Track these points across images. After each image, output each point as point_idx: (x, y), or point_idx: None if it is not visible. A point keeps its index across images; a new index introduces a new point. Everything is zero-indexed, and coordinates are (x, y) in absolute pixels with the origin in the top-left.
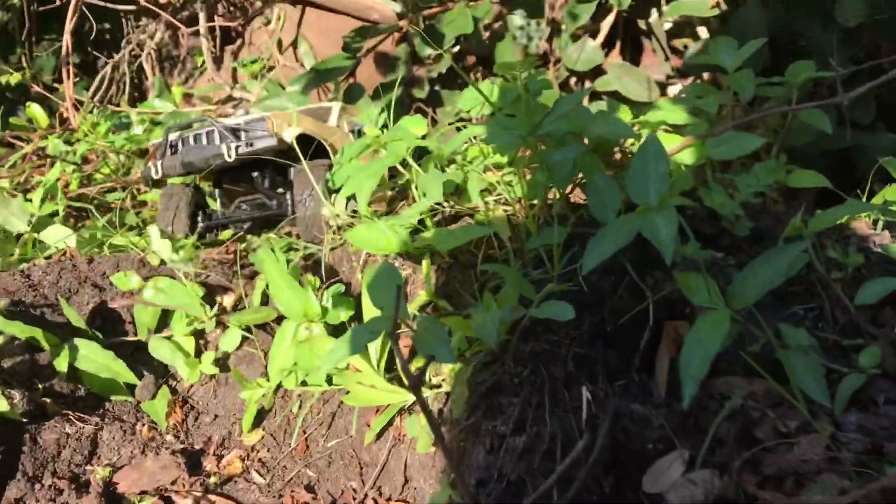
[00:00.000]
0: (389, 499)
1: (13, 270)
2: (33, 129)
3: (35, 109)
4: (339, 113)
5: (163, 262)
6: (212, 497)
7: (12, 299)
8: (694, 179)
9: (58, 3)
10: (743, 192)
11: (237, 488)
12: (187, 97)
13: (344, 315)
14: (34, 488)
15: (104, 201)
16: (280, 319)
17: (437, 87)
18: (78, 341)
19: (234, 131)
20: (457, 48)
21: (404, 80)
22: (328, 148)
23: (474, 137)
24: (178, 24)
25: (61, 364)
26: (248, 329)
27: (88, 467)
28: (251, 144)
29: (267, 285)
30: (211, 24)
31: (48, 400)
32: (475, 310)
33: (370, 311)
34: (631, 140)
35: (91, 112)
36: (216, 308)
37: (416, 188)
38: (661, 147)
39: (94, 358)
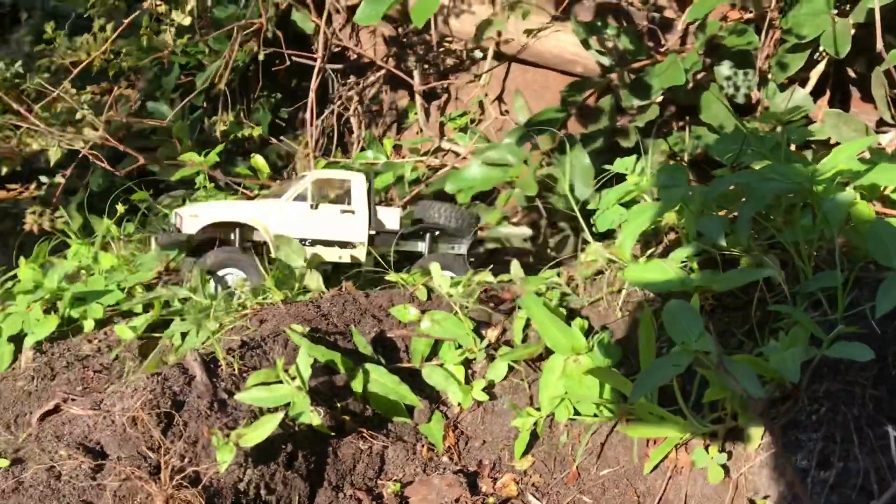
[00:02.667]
0: None
1: (307, 301)
2: (255, 176)
3: (258, 160)
4: (295, 190)
5: (429, 298)
6: None
7: (311, 327)
8: None
9: (286, 64)
10: None
11: None
12: (396, 148)
13: (614, 356)
14: (338, 497)
15: None
16: (542, 355)
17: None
18: (369, 366)
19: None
20: (660, 98)
21: (607, 130)
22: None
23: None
24: (407, 78)
25: (357, 385)
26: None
27: (379, 481)
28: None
29: (527, 322)
30: (428, 85)
31: (347, 417)
32: (769, 349)
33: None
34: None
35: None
36: (485, 340)
37: (685, 230)
38: None
39: (383, 381)
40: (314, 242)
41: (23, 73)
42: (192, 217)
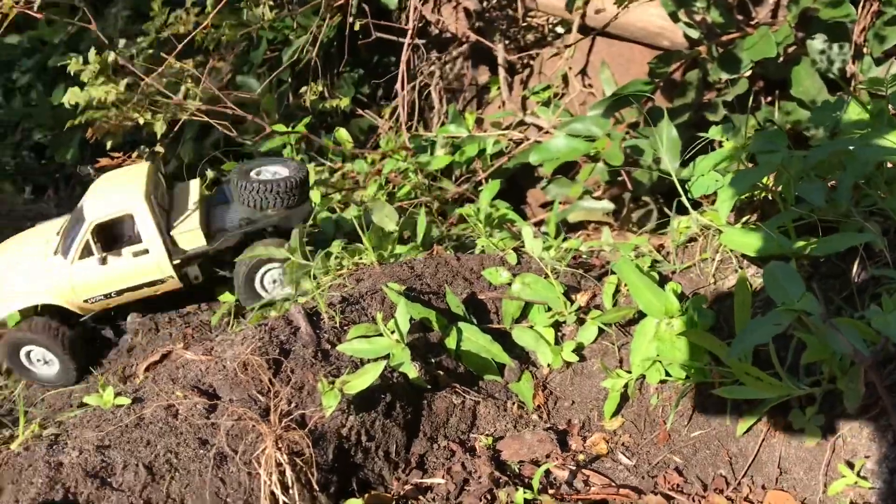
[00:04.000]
0: (764, 487)
1: (400, 262)
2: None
3: (342, 133)
4: (77, 247)
5: (519, 262)
6: (585, 472)
7: (405, 286)
8: None
9: (371, 38)
10: None
11: (605, 467)
12: (478, 123)
13: (707, 319)
14: (433, 447)
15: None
16: (633, 319)
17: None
18: (462, 325)
19: None
20: (749, 73)
21: (693, 105)
22: None
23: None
24: (494, 48)
25: (451, 343)
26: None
27: (471, 434)
28: None
29: (616, 288)
30: (512, 59)
31: (441, 373)
32: (871, 312)
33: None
34: None
35: (389, 136)
36: (576, 304)
37: (782, 195)
38: None
39: (476, 340)
40: (121, 292)
41: (128, 51)
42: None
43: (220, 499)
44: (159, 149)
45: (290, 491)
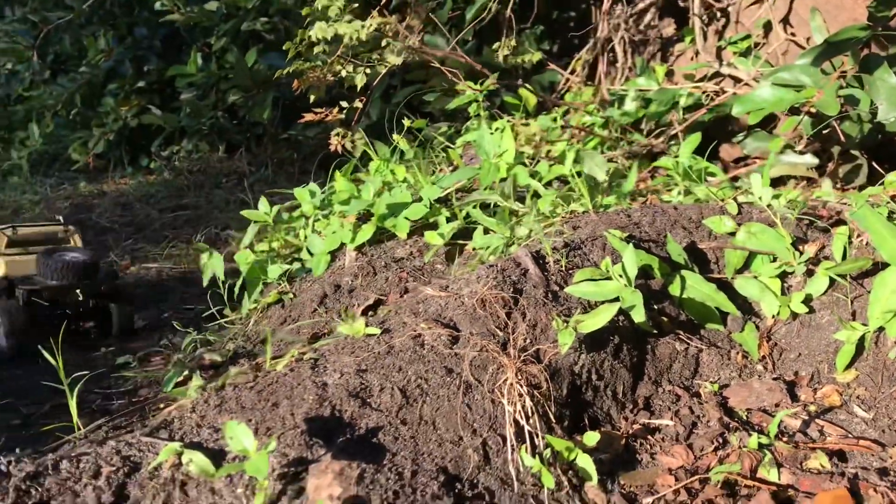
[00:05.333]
0: None
1: (617, 210)
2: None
3: (526, 90)
4: None
5: (739, 211)
6: (819, 422)
7: (629, 234)
8: None
9: None
10: None
11: (839, 418)
12: (668, 75)
13: None
14: (657, 391)
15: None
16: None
17: None
18: (685, 273)
19: None
20: None
21: None
22: None
23: None
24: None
25: (674, 290)
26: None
27: (695, 381)
28: None
29: (849, 238)
30: (707, 8)
31: (664, 319)
32: None
33: None
34: None
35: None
36: (805, 255)
37: None
38: None
39: (699, 288)
40: None
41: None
42: None
43: (467, 423)
44: (357, 104)
45: (531, 420)
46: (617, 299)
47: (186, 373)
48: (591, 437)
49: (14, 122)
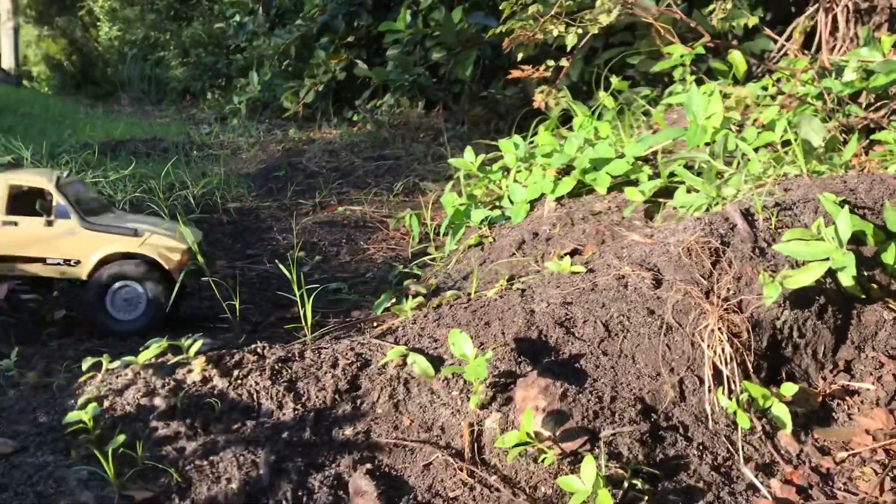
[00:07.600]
0: None
1: (832, 176)
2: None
3: (736, 55)
4: None
5: None
6: None
7: (844, 199)
8: None
9: None
10: None
11: None
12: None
13: None
14: (860, 355)
15: None
16: None
17: None
18: None
19: None
20: None
21: None
22: None
23: None
24: None
25: (888, 258)
26: None
27: None
28: None
29: None
30: None
31: (874, 286)
32: None
33: None
34: None
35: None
36: None
37: None
38: None
39: None
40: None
41: None
42: None
43: (665, 362)
44: (564, 62)
45: (729, 365)
46: (826, 260)
47: (394, 300)
48: (789, 388)
49: (234, 69)
